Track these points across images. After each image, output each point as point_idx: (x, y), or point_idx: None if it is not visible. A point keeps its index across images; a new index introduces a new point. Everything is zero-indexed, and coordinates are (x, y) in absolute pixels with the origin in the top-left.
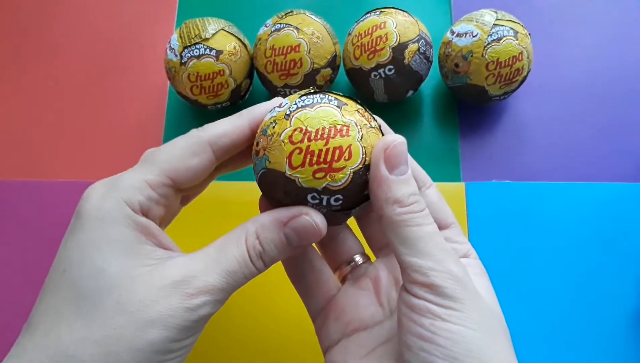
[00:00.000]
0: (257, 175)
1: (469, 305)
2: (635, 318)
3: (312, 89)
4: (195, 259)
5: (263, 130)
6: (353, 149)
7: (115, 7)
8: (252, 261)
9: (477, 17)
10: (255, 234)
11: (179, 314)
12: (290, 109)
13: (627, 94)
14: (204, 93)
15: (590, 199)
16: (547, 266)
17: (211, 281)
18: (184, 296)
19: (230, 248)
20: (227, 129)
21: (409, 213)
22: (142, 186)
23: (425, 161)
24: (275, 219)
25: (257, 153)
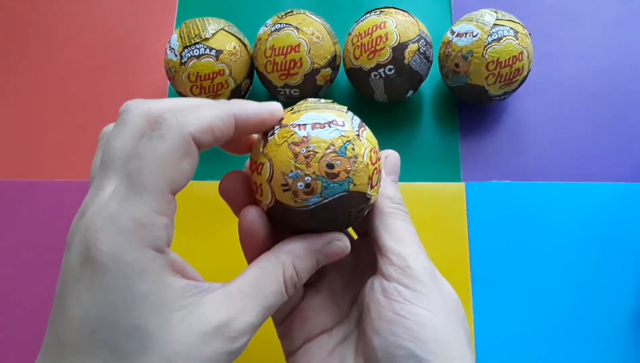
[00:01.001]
0: (321, 199)
1: (435, 292)
2: (635, 318)
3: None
4: (232, 297)
5: (339, 151)
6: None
7: (115, 7)
8: (287, 291)
9: (477, 17)
10: (292, 266)
11: (223, 358)
12: (354, 129)
13: (627, 94)
14: (204, 93)
15: (590, 199)
16: (547, 266)
17: (251, 321)
18: (226, 340)
19: (267, 283)
20: (212, 122)
21: (397, 209)
22: (153, 220)
23: (425, 161)
24: (311, 249)
25: (332, 175)
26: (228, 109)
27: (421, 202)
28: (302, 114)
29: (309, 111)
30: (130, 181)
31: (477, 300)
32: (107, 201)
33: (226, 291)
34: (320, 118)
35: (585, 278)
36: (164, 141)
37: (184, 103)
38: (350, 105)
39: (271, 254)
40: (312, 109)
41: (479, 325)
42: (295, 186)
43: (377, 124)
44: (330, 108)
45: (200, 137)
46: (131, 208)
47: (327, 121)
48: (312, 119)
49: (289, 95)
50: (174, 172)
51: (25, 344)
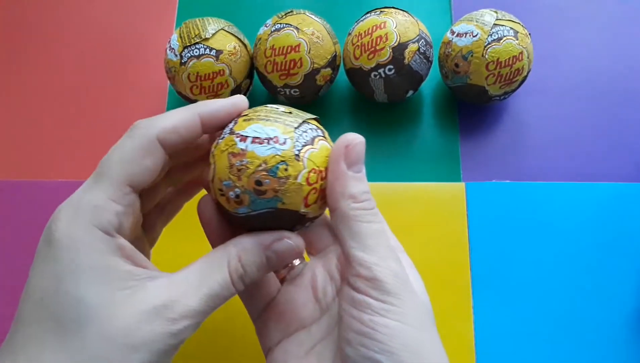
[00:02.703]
0: (249, 210)
1: (405, 301)
2: (636, 318)
3: (283, 107)
4: (175, 283)
5: (270, 170)
6: None
7: (115, 7)
8: (234, 283)
9: (477, 17)
10: (237, 257)
11: (162, 339)
12: (296, 148)
13: (627, 94)
14: (204, 93)
15: (590, 199)
16: (547, 266)
17: (193, 306)
18: (166, 321)
19: (212, 271)
20: (177, 123)
21: (361, 209)
22: (106, 204)
23: (425, 161)
24: (259, 243)
25: (259, 192)
26: (193, 109)
27: (421, 202)
28: (250, 124)
29: (257, 122)
30: (96, 172)
31: (477, 300)
32: (77, 190)
33: (171, 277)
34: (262, 132)
35: (585, 277)
36: (130, 140)
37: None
38: (350, 105)
39: (221, 246)
40: (262, 120)
41: (479, 325)
42: (228, 194)
43: (377, 124)
44: (280, 121)
45: (166, 137)
46: (90, 194)
47: (268, 136)
48: (254, 132)
49: (289, 95)
50: (135, 167)
51: None
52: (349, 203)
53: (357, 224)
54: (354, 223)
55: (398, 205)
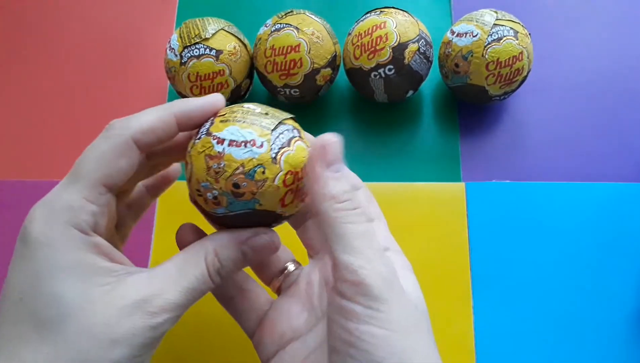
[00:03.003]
0: (227, 211)
1: (393, 306)
2: (636, 318)
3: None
4: (155, 277)
5: (247, 173)
6: None
7: (115, 8)
8: (211, 277)
9: (477, 17)
10: (214, 252)
11: (143, 333)
12: (273, 151)
13: (627, 94)
14: (204, 93)
15: (590, 199)
16: (547, 266)
17: (172, 299)
18: (146, 315)
19: (190, 266)
20: (152, 124)
21: (344, 210)
22: (82, 204)
23: (425, 161)
24: (235, 239)
25: (237, 194)
26: (169, 109)
27: (421, 202)
28: (227, 126)
29: (234, 124)
30: (72, 172)
31: (477, 300)
32: (52, 189)
33: (149, 272)
34: (239, 135)
35: (585, 277)
36: (105, 141)
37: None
38: (350, 105)
39: (198, 242)
40: (238, 122)
41: (478, 325)
42: (206, 195)
43: (377, 124)
44: (257, 123)
45: (142, 138)
46: (65, 194)
47: (245, 139)
48: (231, 135)
49: (289, 95)
50: (110, 168)
51: None
52: (330, 204)
53: (341, 226)
54: (337, 225)
55: (398, 205)
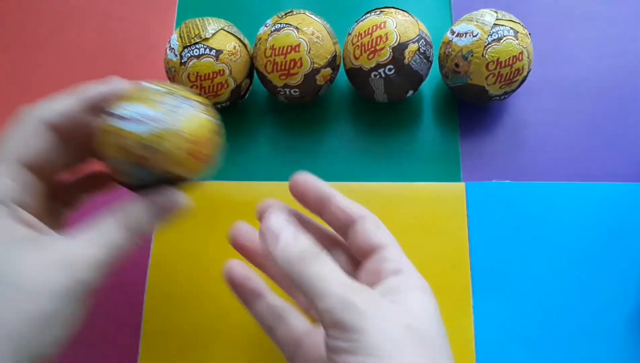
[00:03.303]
0: (138, 181)
1: (370, 333)
2: (636, 318)
3: (160, 85)
4: (77, 238)
5: (148, 146)
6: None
7: (115, 7)
8: (130, 236)
9: (477, 17)
10: (127, 212)
11: (70, 286)
12: (170, 124)
13: (627, 94)
14: (204, 93)
15: (590, 199)
16: (547, 266)
17: (94, 257)
18: (73, 270)
19: (108, 227)
20: (59, 107)
21: (303, 265)
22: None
23: (425, 161)
24: (147, 200)
25: (143, 166)
26: (75, 94)
27: (421, 202)
28: (131, 104)
29: (136, 102)
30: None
31: (477, 300)
32: None
33: (72, 235)
34: (140, 112)
35: (585, 278)
36: (17, 124)
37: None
38: (350, 105)
39: (115, 206)
40: (141, 100)
41: (478, 325)
42: (118, 169)
43: (377, 124)
44: (158, 101)
45: (52, 120)
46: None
47: (145, 115)
48: (133, 113)
49: (289, 95)
50: (24, 148)
51: None
52: (292, 269)
53: (306, 281)
54: (303, 281)
55: (398, 205)
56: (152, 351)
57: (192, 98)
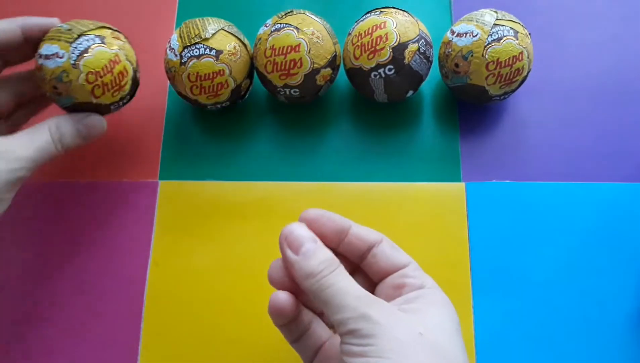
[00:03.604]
0: (61, 105)
1: (383, 339)
2: (636, 318)
3: (68, 25)
4: (11, 138)
5: (57, 78)
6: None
7: (115, 7)
8: (54, 143)
9: (477, 17)
10: (55, 126)
11: (5, 174)
12: (72, 59)
13: (627, 94)
14: (204, 93)
15: (590, 199)
16: (547, 266)
17: (26, 154)
18: (7, 162)
19: (39, 133)
20: (1, 29)
21: (322, 279)
22: None
23: (425, 161)
24: (72, 118)
25: (58, 93)
26: (14, 20)
27: (421, 202)
28: (44, 44)
29: (48, 42)
30: None
31: (477, 300)
32: None
33: (6, 136)
34: (49, 50)
35: (585, 278)
36: None
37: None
38: (350, 105)
39: (44, 121)
40: (50, 40)
41: (479, 325)
42: (49, 95)
43: (377, 124)
44: (61, 39)
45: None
46: None
47: (52, 53)
48: (45, 50)
49: (289, 95)
50: None
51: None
52: (308, 281)
53: (323, 294)
54: (320, 294)
55: (398, 205)
56: (152, 351)
57: (92, 32)
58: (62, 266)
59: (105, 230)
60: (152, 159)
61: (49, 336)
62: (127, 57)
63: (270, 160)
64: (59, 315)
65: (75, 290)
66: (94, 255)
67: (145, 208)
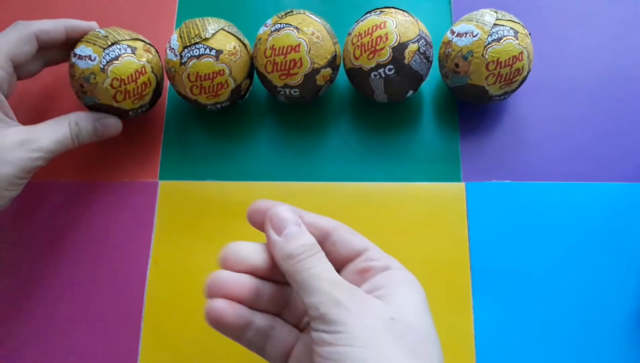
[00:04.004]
0: (85, 102)
1: (352, 325)
2: (636, 318)
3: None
4: (33, 129)
5: (85, 78)
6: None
7: (115, 7)
8: (72, 138)
9: (477, 17)
10: (75, 122)
11: (24, 161)
12: (102, 63)
13: (627, 94)
14: (204, 93)
15: (590, 199)
16: (547, 266)
17: (46, 144)
18: (28, 151)
19: (58, 126)
20: (49, 27)
21: (300, 261)
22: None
23: (425, 161)
24: (91, 116)
25: (83, 92)
26: (61, 21)
27: (421, 202)
28: (80, 45)
29: (83, 44)
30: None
31: (477, 300)
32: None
33: (29, 126)
34: (83, 52)
35: (585, 278)
36: (15, 31)
37: None
38: (350, 105)
39: (63, 115)
40: (86, 42)
41: (478, 326)
42: (76, 92)
43: (377, 124)
44: (97, 44)
45: (40, 35)
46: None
47: (85, 54)
48: (80, 51)
49: (289, 95)
50: (18, 49)
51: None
52: (287, 262)
53: (300, 276)
54: (296, 276)
55: (398, 205)
56: (152, 351)
57: (125, 42)
58: (62, 265)
59: (105, 230)
60: (152, 159)
61: (48, 335)
62: (154, 70)
63: (270, 160)
64: (59, 314)
65: (75, 289)
66: (94, 255)
67: (145, 207)
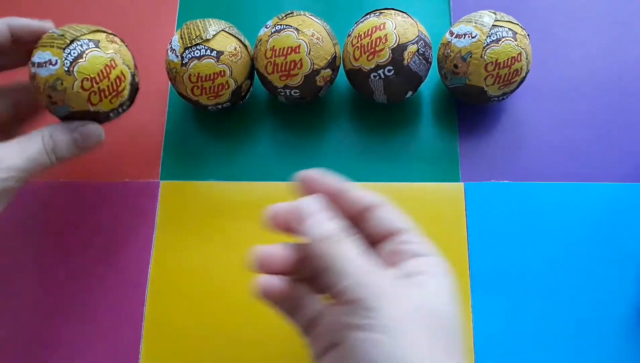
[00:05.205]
0: (58, 115)
1: (385, 313)
2: (636, 317)
3: (60, 30)
4: (2, 147)
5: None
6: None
7: (116, 8)
8: (47, 153)
9: (476, 18)
10: (49, 134)
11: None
12: (65, 66)
13: (626, 94)
14: (205, 94)
15: (590, 199)
16: (546, 266)
17: (17, 164)
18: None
19: (31, 142)
20: (21, 23)
21: (332, 244)
22: None
23: (424, 162)
24: (67, 126)
25: (53, 103)
26: (4, 20)
27: (420, 202)
28: (36, 52)
29: (39, 49)
30: None
31: (477, 300)
32: None
33: (3, 142)
34: (41, 58)
35: (585, 278)
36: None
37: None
38: (350, 106)
39: (37, 129)
40: (42, 47)
41: (478, 325)
42: (45, 106)
43: (376, 125)
44: (54, 46)
45: (14, 28)
46: None
47: (44, 60)
48: (38, 58)
49: (289, 96)
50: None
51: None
52: (319, 245)
53: (329, 258)
54: (324, 259)
55: (397, 205)
56: (153, 350)
57: (85, 37)
58: (63, 265)
59: (106, 230)
60: (153, 160)
61: (49, 334)
62: (124, 61)
63: (270, 160)
64: (59, 314)
65: (76, 289)
66: (95, 255)
67: (146, 207)
